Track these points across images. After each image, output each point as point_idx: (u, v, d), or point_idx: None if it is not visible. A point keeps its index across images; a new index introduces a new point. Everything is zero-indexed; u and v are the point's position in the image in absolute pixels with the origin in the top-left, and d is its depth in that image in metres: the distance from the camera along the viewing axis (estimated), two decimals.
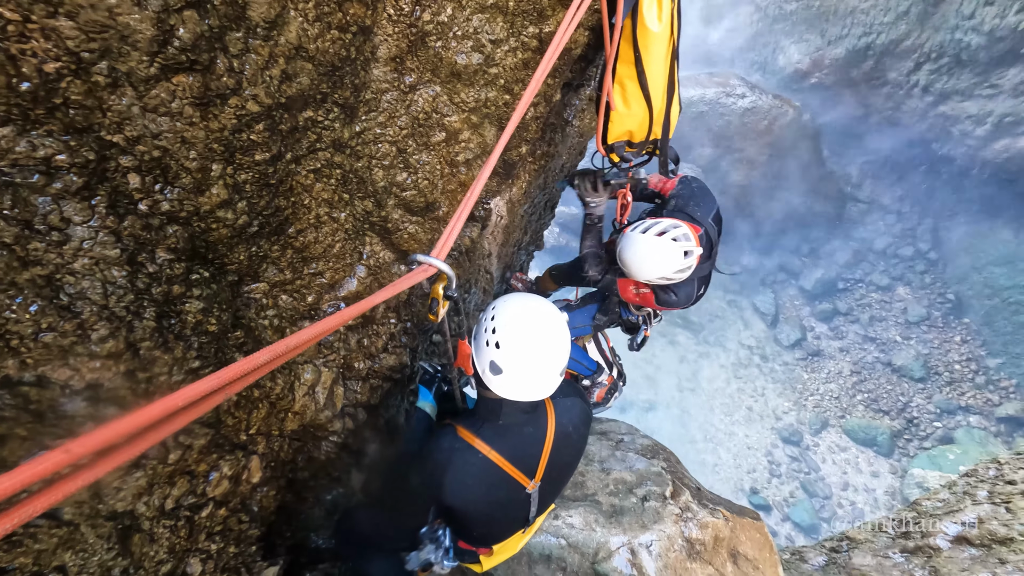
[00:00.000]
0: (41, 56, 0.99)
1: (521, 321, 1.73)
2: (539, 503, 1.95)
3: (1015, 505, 3.42)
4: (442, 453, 1.76)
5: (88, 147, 1.12)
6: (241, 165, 1.41)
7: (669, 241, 2.51)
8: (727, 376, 13.49)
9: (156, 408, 0.69)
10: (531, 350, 1.70)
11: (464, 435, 1.77)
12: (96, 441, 0.63)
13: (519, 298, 1.81)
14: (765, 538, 3.03)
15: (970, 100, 13.05)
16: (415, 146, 2.11)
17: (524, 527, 2.05)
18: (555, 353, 1.73)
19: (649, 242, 2.54)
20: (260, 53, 1.29)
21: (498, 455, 1.75)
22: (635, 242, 2.59)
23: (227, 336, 1.70)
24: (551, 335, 1.73)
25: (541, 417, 1.85)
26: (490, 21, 2.01)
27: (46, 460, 0.59)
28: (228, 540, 1.94)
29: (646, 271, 2.60)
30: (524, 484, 1.82)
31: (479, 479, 1.75)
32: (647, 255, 2.56)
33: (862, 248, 14.92)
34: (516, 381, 1.71)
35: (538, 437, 1.83)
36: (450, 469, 1.73)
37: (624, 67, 2.47)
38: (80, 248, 1.18)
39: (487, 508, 1.83)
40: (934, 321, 13.36)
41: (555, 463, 1.88)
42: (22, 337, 1.15)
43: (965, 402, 11.88)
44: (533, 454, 1.82)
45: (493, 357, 1.71)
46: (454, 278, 1.68)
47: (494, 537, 2.01)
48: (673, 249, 2.50)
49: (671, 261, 2.51)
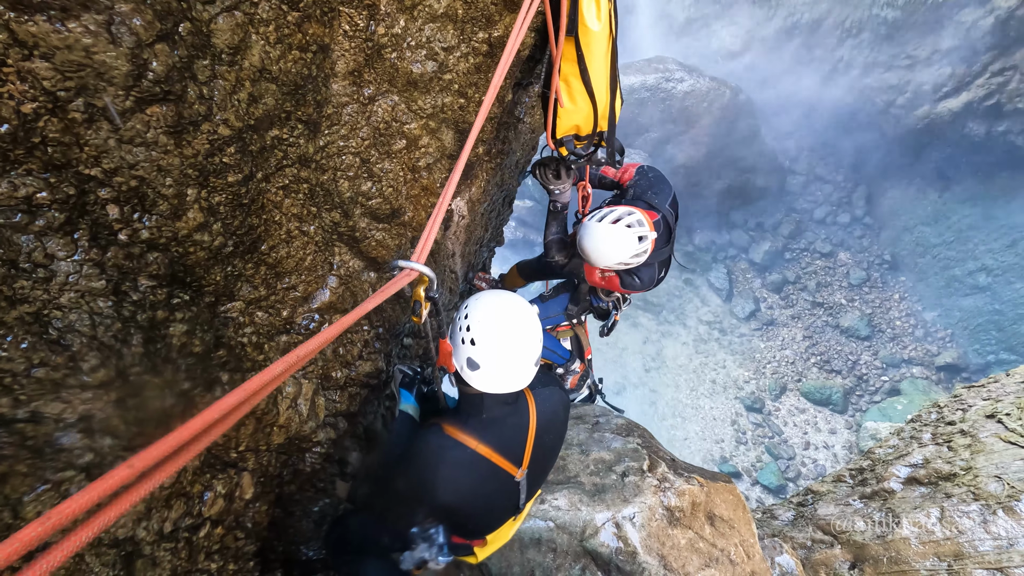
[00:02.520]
0: (18, 98, 1.01)
1: (493, 317, 1.81)
2: (527, 489, 2.04)
3: (956, 443, 3.73)
4: (431, 452, 1.81)
5: (68, 182, 1.14)
6: (215, 188, 1.44)
7: (624, 228, 2.64)
8: (689, 352, 13.96)
9: (196, 422, 0.75)
10: (505, 343, 1.78)
11: (451, 432, 1.83)
12: (153, 455, 0.69)
13: (490, 295, 1.90)
14: (738, 499, 3.23)
15: (890, 71, 13.85)
16: (377, 155, 2.16)
17: (515, 514, 2.13)
18: (528, 344, 1.82)
19: (605, 229, 2.67)
20: (227, 78, 1.33)
21: (486, 447, 1.82)
22: (592, 230, 2.72)
23: (211, 356, 1.72)
24: (523, 328, 1.82)
25: (522, 407, 1.94)
26: (441, 30, 2.07)
27: (113, 476, 0.65)
28: (227, 558, 1.97)
29: (605, 258, 2.72)
30: (513, 473, 1.90)
31: (470, 473, 1.82)
32: (603, 242, 2.69)
33: (804, 218, 15.66)
34: (493, 374, 1.79)
35: (522, 426, 1.91)
36: (441, 467, 1.79)
37: (568, 65, 2.58)
38: (66, 282, 1.19)
39: (480, 500, 1.90)
40: (874, 282, 14.18)
41: (540, 449, 1.97)
42: (15, 374, 1.16)
43: (908, 355, 12.70)
44: (519, 443, 1.90)
45: (469, 354, 1.79)
46: (436, 280, 1.75)
47: (488, 527, 2.08)
48: (628, 235, 2.63)
49: (627, 247, 2.64)
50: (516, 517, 2.15)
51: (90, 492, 0.69)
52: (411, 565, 2.14)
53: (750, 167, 15.55)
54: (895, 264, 14.28)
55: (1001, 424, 3.69)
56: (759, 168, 15.70)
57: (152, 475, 0.78)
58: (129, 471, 0.74)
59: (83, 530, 0.66)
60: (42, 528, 0.66)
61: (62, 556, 0.65)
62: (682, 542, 2.83)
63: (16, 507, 1.19)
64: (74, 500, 0.69)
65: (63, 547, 0.67)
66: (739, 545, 2.96)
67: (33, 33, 0.99)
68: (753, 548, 3.00)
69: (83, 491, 0.66)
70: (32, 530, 0.66)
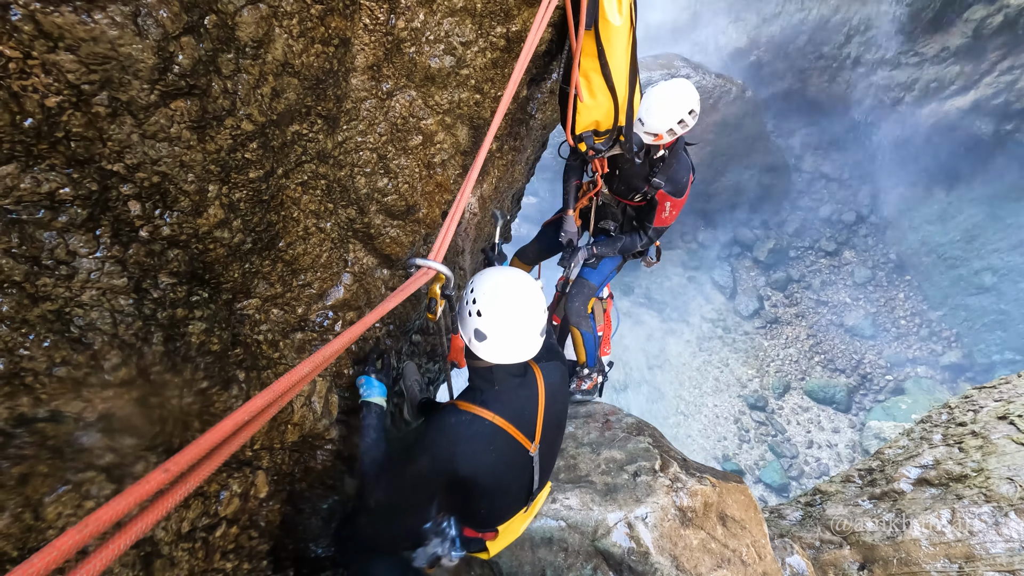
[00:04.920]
0: (42, 91, 0.99)
1: (498, 288, 1.84)
2: (540, 469, 2.03)
3: (967, 444, 3.71)
4: (450, 428, 1.81)
5: (90, 178, 1.12)
6: (236, 184, 1.42)
7: (686, 81, 3.12)
8: (693, 350, 13.92)
9: (227, 424, 0.73)
10: (510, 312, 1.81)
11: (466, 407, 1.84)
12: (188, 458, 0.67)
13: (494, 270, 1.93)
14: (749, 500, 3.21)
15: (898, 69, 13.74)
16: (394, 151, 2.14)
17: (526, 504, 2.11)
18: (533, 313, 1.85)
19: (673, 82, 3.13)
20: (251, 72, 1.30)
21: (501, 419, 1.83)
22: (659, 86, 3.16)
23: (228, 354, 1.70)
24: (527, 297, 1.85)
25: (531, 380, 1.96)
26: (460, 24, 2.05)
27: (150, 480, 0.63)
28: (241, 558, 1.95)
29: (673, 106, 3.11)
30: (527, 447, 1.91)
31: (488, 445, 1.82)
32: (673, 88, 3.11)
33: (809, 217, 15.57)
34: (501, 343, 1.81)
35: (532, 398, 1.94)
36: (461, 441, 1.79)
37: (588, 60, 2.55)
38: (88, 280, 1.17)
39: (498, 473, 1.88)
40: (879, 281, 14.11)
41: (549, 422, 1.99)
42: (36, 373, 1.14)
43: (912, 354, 12.65)
44: (531, 415, 1.93)
45: (477, 325, 1.81)
46: (452, 278, 1.75)
47: (500, 514, 2.06)
48: (690, 87, 3.12)
49: (690, 97, 3.11)
50: (527, 509, 2.14)
51: (127, 497, 0.68)
52: (424, 562, 2.13)
53: (755, 164, 15.46)
54: (900, 263, 14.20)
55: (1013, 426, 3.66)
56: (764, 166, 15.61)
57: (187, 478, 0.76)
58: (165, 475, 0.73)
59: (122, 536, 0.64)
60: (80, 535, 0.64)
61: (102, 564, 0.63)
62: (694, 543, 2.81)
63: (37, 508, 1.17)
64: (111, 506, 0.67)
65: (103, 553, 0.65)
66: (751, 546, 2.95)
67: (59, 24, 0.97)
68: (765, 549, 2.98)
69: (120, 496, 0.64)
70: (70, 537, 0.64)
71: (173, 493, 0.70)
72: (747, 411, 12.58)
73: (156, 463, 1.45)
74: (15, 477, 1.14)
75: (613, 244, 3.61)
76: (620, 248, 3.61)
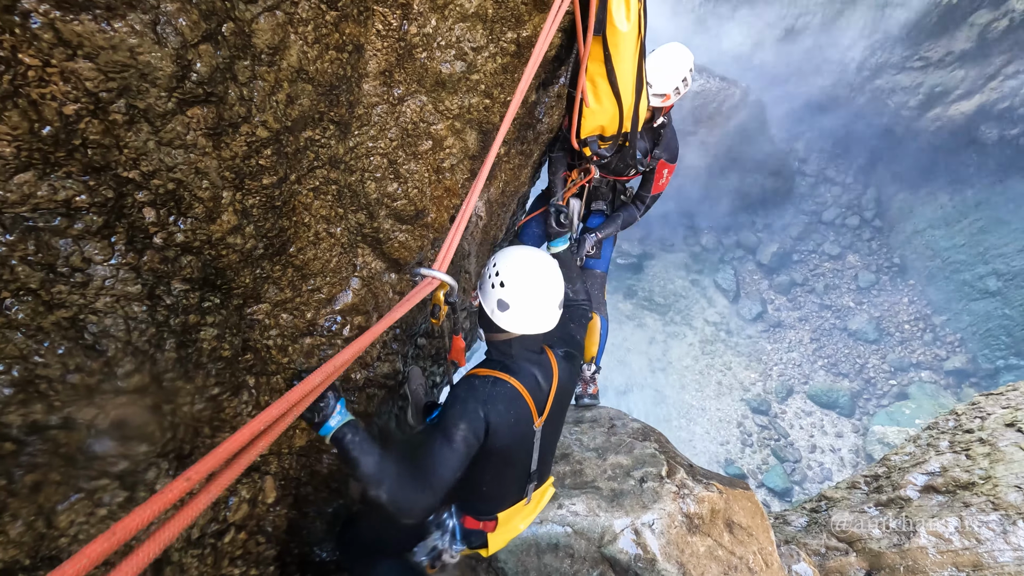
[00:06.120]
0: (61, 99, 0.99)
1: (519, 260, 1.92)
2: (540, 452, 2.04)
3: (974, 452, 3.69)
4: (476, 389, 1.81)
5: (106, 185, 1.11)
6: (250, 190, 1.42)
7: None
8: (695, 353, 13.89)
9: (243, 434, 0.73)
10: (532, 282, 1.88)
11: (486, 372, 1.88)
12: (207, 467, 0.67)
13: (514, 247, 2.00)
14: (756, 506, 3.20)
15: (902, 73, 13.74)
16: (404, 156, 2.14)
17: (524, 490, 2.09)
18: (553, 284, 1.91)
19: (672, 46, 3.19)
20: (266, 79, 1.30)
21: (520, 384, 1.87)
22: (661, 49, 3.21)
23: (238, 360, 1.70)
24: (547, 270, 1.92)
25: (546, 361, 2.02)
26: (471, 29, 2.04)
27: (172, 489, 0.63)
28: (249, 563, 1.95)
29: (674, 68, 3.15)
30: (534, 419, 1.93)
31: (509, 407, 1.83)
32: (673, 51, 3.16)
33: (812, 220, 15.55)
34: (523, 313, 1.86)
35: (547, 375, 1.99)
36: (489, 401, 1.79)
37: (595, 65, 2.55)
38: (102, 287, 1.17)
39: (508, 443, 1.85)
40: (883, 285, 14.08)
41: (558, 402, 2.03)
42: (50, 380, 1.13)
43: (916, 359, 12.61)
44: (544, 390, 1.96)
45: (500, 296, 1.86)
46: (456, 287, 1.76)
47: (502, 493, 2.05)
48: (687, 52, 3.17)
49: (687, 60, 3.16)
50: (527, 501, 2.13)
51: (152, 505, 0.68)
52: (425, 555, 2.12)
53: (759, 168, 15.45)
54: (904, 267, 14.17)
55: (1021, 433, 3.64)
56: (768, 169, 15.59)
57: (209, 487, 0.76)
58: (187, 484, 0.73)
59: (150, 544, 0.64)
60: (108, 543, 0.64)
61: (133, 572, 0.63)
62: (701, 550, 2.80)
63: (50, 516, 1.17)
64: (137, 513, 0.67)
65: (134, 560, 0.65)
66: (757, 553, 2.93)
67: (78, 32, 0.97)
68: (771, 556, 2.97)
69: (145, 504, 0.64)
70: (99, 545, 0.64)
71: (197, 501, 0.70)
72: (750, 415, 12.55)
73: (167, 470, 1.45)
74: (28, 485, 1.14)
75: (615, 223, 3.62)
76: (622, 224, 3.64)
